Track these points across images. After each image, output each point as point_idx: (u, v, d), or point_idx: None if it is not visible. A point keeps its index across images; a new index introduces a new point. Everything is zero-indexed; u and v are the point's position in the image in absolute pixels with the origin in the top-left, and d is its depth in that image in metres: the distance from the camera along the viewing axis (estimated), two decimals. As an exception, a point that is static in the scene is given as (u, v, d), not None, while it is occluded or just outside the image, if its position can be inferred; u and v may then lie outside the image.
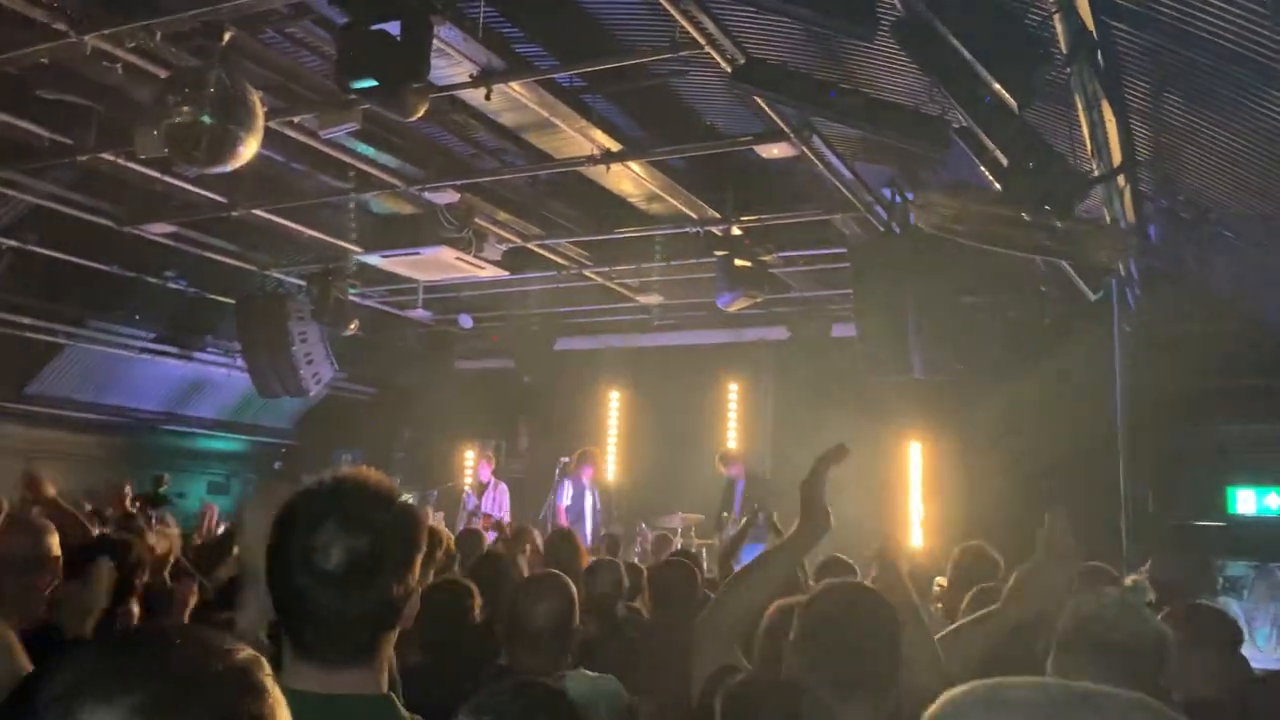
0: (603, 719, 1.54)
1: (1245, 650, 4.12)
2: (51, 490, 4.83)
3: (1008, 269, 8.62)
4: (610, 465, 12.45)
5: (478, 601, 3.66)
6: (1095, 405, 8.41)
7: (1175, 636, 2.56)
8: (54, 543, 3.20)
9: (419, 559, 1.65)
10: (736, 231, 8.53)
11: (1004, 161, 5.29)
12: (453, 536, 5.73)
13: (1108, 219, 6.47)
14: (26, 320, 10.29)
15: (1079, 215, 5.41)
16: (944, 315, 8.18)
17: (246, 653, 0.98)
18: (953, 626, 2.84)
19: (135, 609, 3.90)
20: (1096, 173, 5.54)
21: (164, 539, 4.71)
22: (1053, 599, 2.71)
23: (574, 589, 3.19)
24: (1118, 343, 8.27)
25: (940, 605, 4.45)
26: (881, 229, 7.88)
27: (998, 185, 5.47)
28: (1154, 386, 8.75)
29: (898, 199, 7.46)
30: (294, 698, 1.02)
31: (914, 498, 10.85)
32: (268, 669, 0.98)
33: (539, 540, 6.54)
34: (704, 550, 9.73)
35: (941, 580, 4.66)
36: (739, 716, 1.71)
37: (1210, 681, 2.89)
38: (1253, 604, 9.10)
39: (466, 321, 12.13)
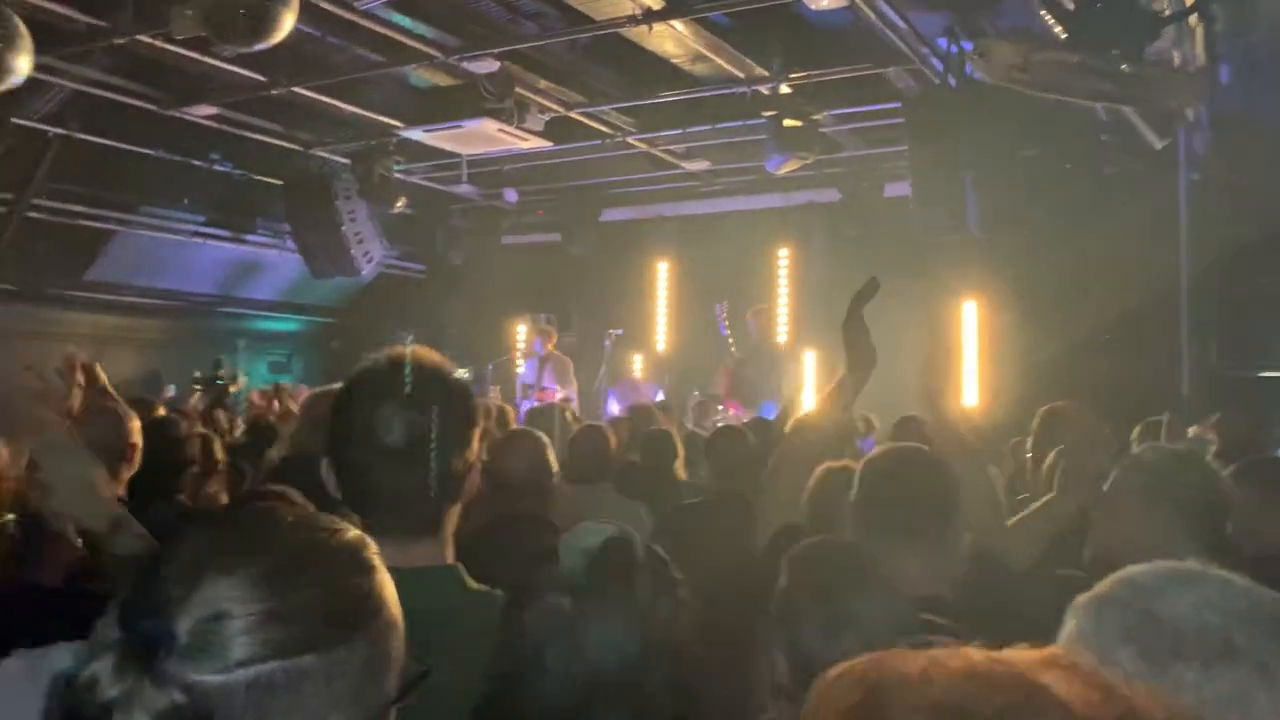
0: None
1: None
2: (103, 377, 4.78)
3: (1066, 119, 8.28)
4: (660, 335, 12.48)
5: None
6: (1159, 258, 8.17)
7: (1245, 491, 2.52)
8: (135, 429, 3.17)
9: (477, 433, 1.67)
10: (785, 90, 8.25)
11: (1069, 4, 5.02)
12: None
13: (1178, 62, 6.15)
14: (78, 208, 10.38)
15: (1148, 59, 5.14)
16: (1002, 170, 7.93)
17: (354, 532, 1.02)
18: (1016, 517, 2.84)
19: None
20: (1168, 12, 5.24)
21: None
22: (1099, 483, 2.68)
23: (545, 444, 3.38)
24: (1184, 191, 7.97)
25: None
26: (937, 81, 7.58)
27: (1059, 31, 5.20)
28: (1220, 238, 8.45)
29: (954, 49, 7.14)
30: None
31: (969, 358, 10.74)
32: (374, 548, 1.02)
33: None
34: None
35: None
36: (806, 575, 1.73)
37: (1281, 535, 2.84)
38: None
39: (511, 196, 12.01)
